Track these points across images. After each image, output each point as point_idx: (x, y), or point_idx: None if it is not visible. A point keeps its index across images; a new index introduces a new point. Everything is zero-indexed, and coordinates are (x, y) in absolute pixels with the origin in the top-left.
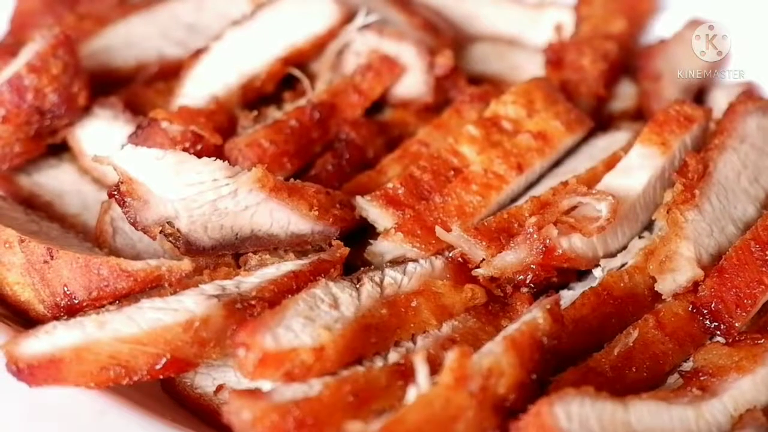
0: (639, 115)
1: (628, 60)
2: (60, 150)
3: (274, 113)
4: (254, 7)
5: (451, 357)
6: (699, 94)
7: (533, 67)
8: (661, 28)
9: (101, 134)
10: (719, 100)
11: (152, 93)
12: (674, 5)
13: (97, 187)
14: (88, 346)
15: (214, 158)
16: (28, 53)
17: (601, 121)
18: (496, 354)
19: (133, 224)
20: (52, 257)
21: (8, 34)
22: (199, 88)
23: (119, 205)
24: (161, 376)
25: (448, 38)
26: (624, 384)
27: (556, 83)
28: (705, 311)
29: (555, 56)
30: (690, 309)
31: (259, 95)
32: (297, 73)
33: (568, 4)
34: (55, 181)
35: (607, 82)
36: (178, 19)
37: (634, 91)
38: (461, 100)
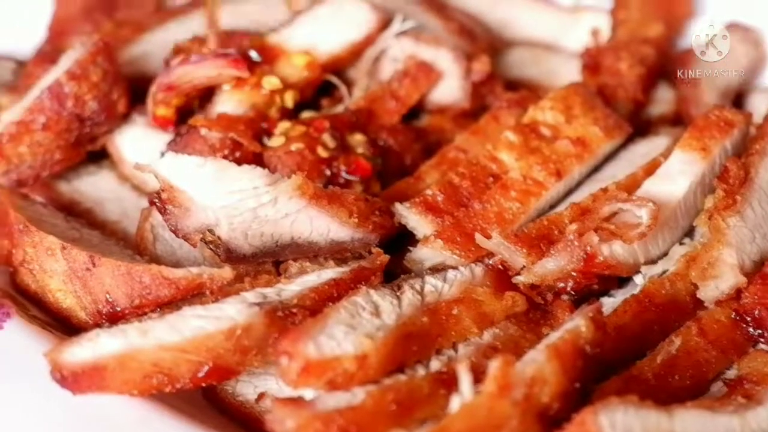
0: (677, 120)
1: (666, 64)
2: (99, 157)
3: None
4: (291, 14)
5: (494, 365)
6: (737, 99)
7: (570, 72)
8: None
9: (140, 141)
10: (758, 105)
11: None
12: (712, 9)
13: (136, 194)
14: (131, 353)
15: (254, 166)
16: (67, 61)
17: (639, 127)
18: (539, 362)
19: (174, 232)
20: (94, 264)
21: (47, 42)
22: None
23: (160, 212)
24: (203, 384)
25: (484, 44)
26: (667, 392)
27: (594, 88)
28: (748, 318)
29: (592, 61)
30: (733, 316)
31: (297, 102)
32: (334, 79)
33: (605, 9)
34: (95, 188)
35: (644, 86)
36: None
37: (672, 96)
38: (498, 105)
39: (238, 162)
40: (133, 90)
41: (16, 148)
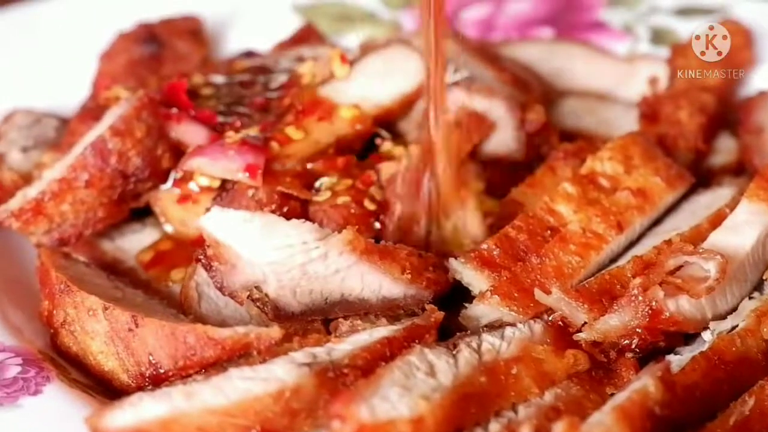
0: (740, 170)
1: (727, 113)
2: (144, 214)
3: None
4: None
5: (558, 428)
6: None
7: (627, 122)
8: (761, 80)
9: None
10: None
11: None
12: None
13: None
14: (175, 418)
15: (303, 220)
16: (111, 117)
17: (701, 177)
18: (606, 425)
19: (220, 289)
20: (137, 325)
21: (90, 99)
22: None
23: (206, 269)
24: None
25: (538, 94)
26: None
27: (653, 138)
28: None
29: (650, 110)
30: None
31: (346, 154)
32: (384, 133)
33: (661, 57)
34: (139, 245)
35: (705, 135)
36: None
37: (735, 146)
38: (555, 156)
39: (287, 217)
40: (179, 146)
41: (59, 206)
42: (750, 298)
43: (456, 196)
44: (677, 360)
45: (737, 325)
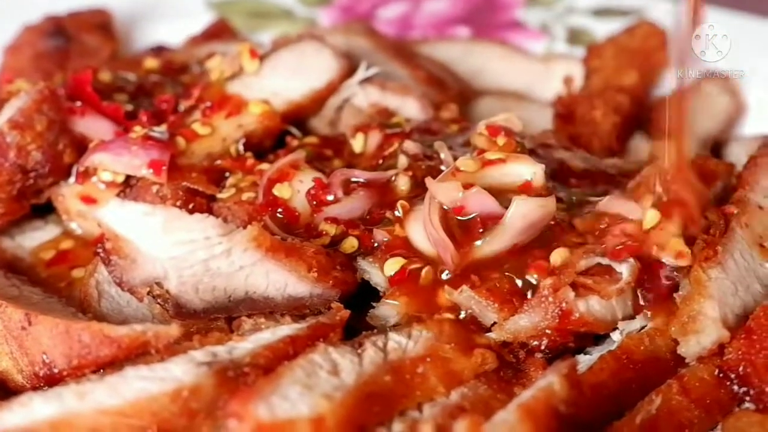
0: None
1: (642, 113)
2: (45, 211)
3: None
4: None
5: (460, 427)
6: (715, 148)
7: (542, 121)
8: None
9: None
10: (737, 154)
11: None
12: None
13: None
14: (66, 418)
15: (207, 215)
16: (10, 109)
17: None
18: (509, 423)
19: (119, 284)
20: (30, 323)
21: None
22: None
23: (104, 263)
24: None
25: (453, 92)
26: None
27: (567, 137)
28: (732, 375)
29: (565, 109)
30: (716, 373)
31: (256, 151)
32: (293, 130)
33: (577, 57)
34: (40, 243)
35: (619, 135)
36: None
37: (648, 146)
38: None
39: (192, 213)
40: (81, 140)
41: None
42: None
43: None
44: (586, 359)
45: (647, 325)
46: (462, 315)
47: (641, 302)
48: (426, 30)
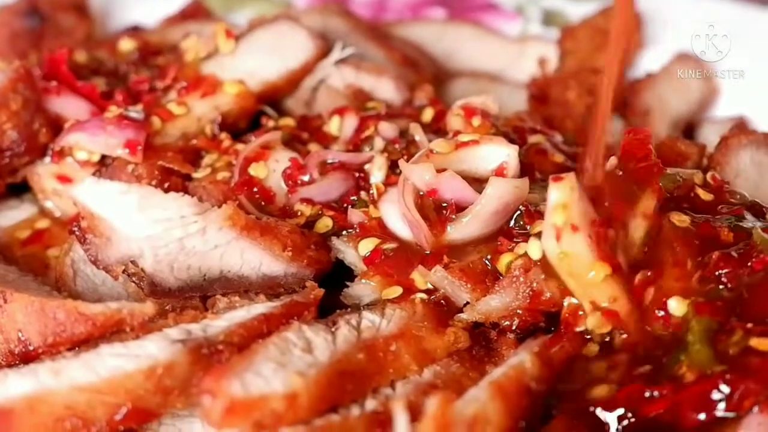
0: None
1: (616, 95)
2: (21, 190)
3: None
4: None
5: (432, 404)
6: (687, 130)
7: (517, 102)
8: (648, 62)
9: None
10: (709, 135)
11: None
12: (662, 40)
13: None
14: (41, 395)
15: (182, 193)
16: None
17: None
18: (481, 400)
19: (95, 263)
20: (5, 301)
21: None
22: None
23: (80, 242)
24: (122, 428)
25: (428, 74)
26: None
27: (541, 118)
28: None
29: (539, 91)
30: None
31: (231, 132)
32: (269, 110)
33: (552, 39)
34: (16, 222)
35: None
36: None
37: (622, 127)
38: None
39: (167, 192)
40: (57, 119)
41: None
42: None
43: None
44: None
45: None
46: (435, 296)
47: None
48: (402, 12)
